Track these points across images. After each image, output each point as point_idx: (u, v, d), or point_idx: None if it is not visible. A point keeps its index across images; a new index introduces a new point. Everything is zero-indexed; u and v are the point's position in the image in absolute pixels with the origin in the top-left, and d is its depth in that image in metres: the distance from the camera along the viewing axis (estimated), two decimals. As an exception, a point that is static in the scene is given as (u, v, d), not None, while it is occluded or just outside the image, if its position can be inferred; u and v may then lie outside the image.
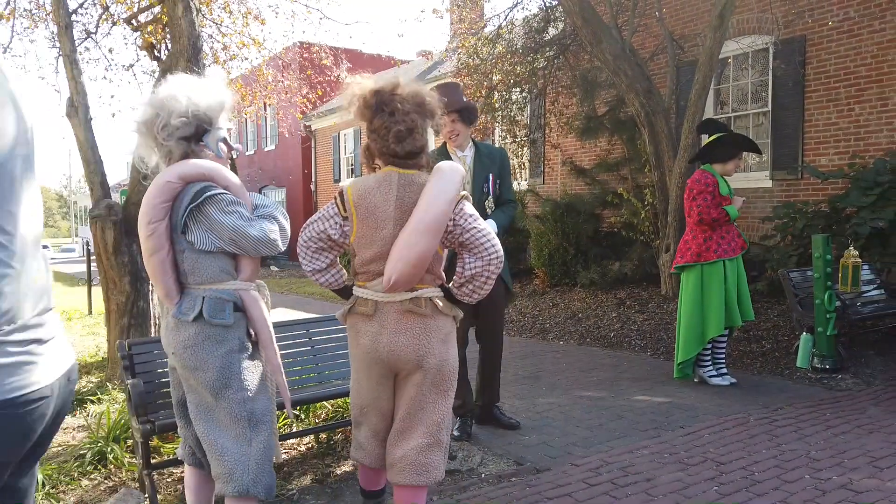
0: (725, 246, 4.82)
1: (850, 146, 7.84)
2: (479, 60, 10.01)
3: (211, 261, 2.27)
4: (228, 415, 2.25)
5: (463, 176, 2.33)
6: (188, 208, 2.20)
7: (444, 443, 2.40)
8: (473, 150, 3.91)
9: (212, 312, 2.24)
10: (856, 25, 7.74)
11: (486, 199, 3.85)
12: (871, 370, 5.23)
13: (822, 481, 3.12)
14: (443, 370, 2.37)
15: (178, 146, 2.27)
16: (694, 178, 4.90)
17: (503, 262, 2.29)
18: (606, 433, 3.98)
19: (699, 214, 4.78)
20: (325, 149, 19.91)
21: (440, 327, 2.36)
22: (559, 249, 9.47)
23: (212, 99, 2.31)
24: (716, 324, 4.82)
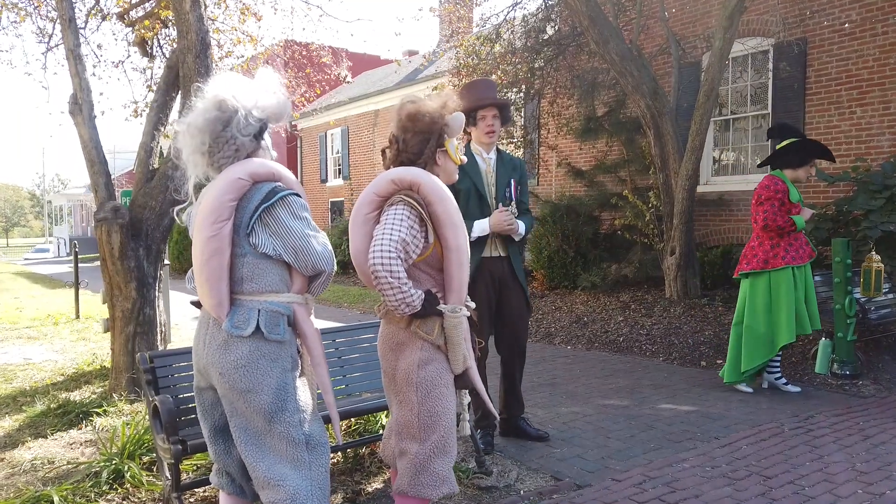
0: (794, 253, 4.73)
1: (852, 149, 7.86)
2: (477, 60, 9.88)
3: (272, 268, 2.11)
4: (284, 439, 2.08)
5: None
6: (260, 207, 2.03)
7: (410, 454, 2.29)
8: (496, 155, 3.82)
9: (269, 327, 2.07)
10: (858, 28, 7.76)
11: (508, 203, 3.74)
12: (889, 376, 5.21)
13: (878, 497, 3.04)
14: (395, 378, 2.35)
15: (249, 143, 2.12)
16: (763, 183, 4.78)
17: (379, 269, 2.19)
18: (640, 445, 3.88)
19: (765, 220, 4.68)
20: (312, 148, 19.65)
21: (392, 335, 2.36)
22: (559, 252, 9.38)
23: (279, 98, 2.18)
24: (787, 331, 4.71)
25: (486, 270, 3.71)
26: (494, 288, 3.75)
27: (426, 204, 2.26)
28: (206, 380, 2.17)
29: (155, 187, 4.76)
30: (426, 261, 2.32)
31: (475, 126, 3.72)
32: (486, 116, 3.67)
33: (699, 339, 6.42)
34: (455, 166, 2.44)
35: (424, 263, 2.33)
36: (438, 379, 2.33)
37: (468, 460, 3.66)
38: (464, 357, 2.35)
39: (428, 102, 2.37)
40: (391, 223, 2.21)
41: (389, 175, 2.32)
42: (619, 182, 9.76)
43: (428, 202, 2.26)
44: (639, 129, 8.85)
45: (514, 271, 3.78)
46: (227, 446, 2.23)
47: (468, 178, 3.71)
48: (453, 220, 2.28)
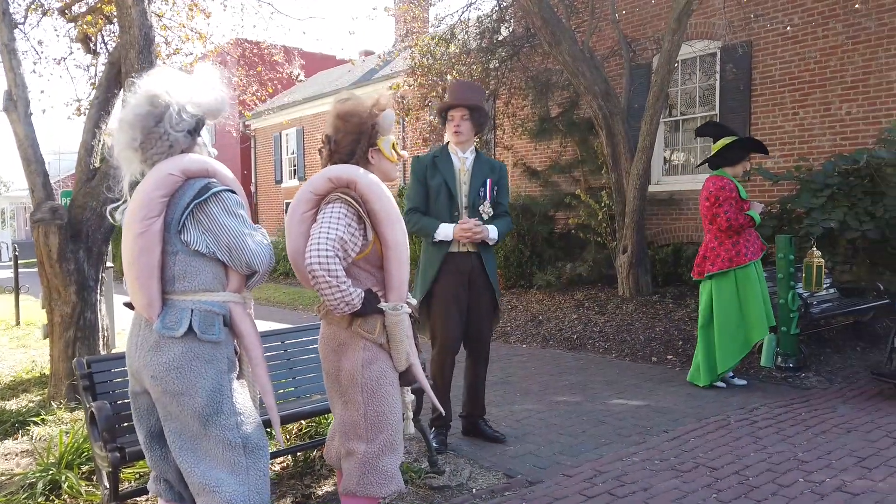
0: (752, 248, 4.84)
1: (795, 149, 8.11)
2: (432, 60, 9.87)
3: (205, 266, 2.04)
4: (220, 443, 2.01)
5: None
6: (192, 204, 1.97)
7: (358, 454, 2.27)
8: (474, 156, 3.81)
9: (202, 327, 2.00)
10: (800, 32, 8.02)
11: (481, 203, 3.73)
12: (830, 368, 5.38)
13: (817, 484, 3.13)
14: (339, 379, 2.32)
15: (183, 139, 2.05)
16: (716, 185, 4.83)
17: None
18: (592, 440, 3.91)
19: (728, 222, 4.76)
20: (266, 149, 19.35)
21: (333, 336, 2.33)
22: (515, 251, 9.44)
23: (216, 93, 2.11)
24: (760, 326, 4.80)
25: (453, 266, 3.69)
26: (462, 284, 3.73)
27: (364, 202, 2.23)
28: (139, 384, 2.10)
29: (96, 187, 4.60)
30: (366, 259, 2.30)
31: (446, 125, 3.76)
32: (455, 117, 3.69)
33: (650, 336, 6.53)
34: (392, 165, 2.40)
35: (364, 261, 2.30)
36: (383, 378, 2.31)
37: (421, 460, 3.63)
38: (407, 354, 2.34)
39: (360, 101, 2.34)
40: (328, 221, 2.17)
41: (326, 173, 2.29)
42: (574, 182, 9.87)
43: (365, 200, 2.23)
44: (592, 129, 8.97)
45: (485, 269, 3.76)
46: (163, 452, 2.15)
47: (440, 175, 3.73)
48: (391, 218, 2.26)
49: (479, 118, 3.70)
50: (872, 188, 6.35)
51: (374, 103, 2.32)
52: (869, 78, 7.45)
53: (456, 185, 3.73)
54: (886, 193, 6.19)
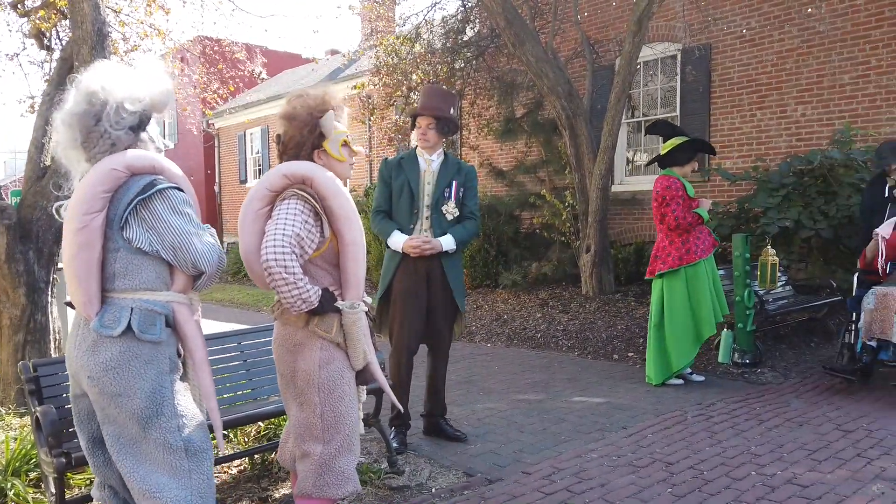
0: (702, 246, 4.91)
1: (753, 150, 8.29)
2: (397, 59, 9.84)
3: (147, 264, 1.99)
4: (161, 446, 1.96)
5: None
6: (135, 200, 1.92)
7: (315, 455, 2.25)
8: (442, 158, 3.81)
9: (142, 326, 1.95)
10: (757, 35, 8.19)
11: (444, 203, 3.72)
12: (785, 363, 5.50)
13: (769, 477, 3.19)
14: (295, 379, 2.29)
15: (126, 136, 2.00)
16: (662, 185, 4.91)
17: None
18: (552, 438, 3.94)
19: (675, 220, 4.82)
20: (230, 148, 19.06)
21: (289, 336, 2.29)
22: (480, 251, 9.47)
23: (160, 88, 2.06)
24: (709, 323, 4.87)
25: (411, 266, 3.68)
26: (421, 283, 3.72)
27: (320, 198, 2.21)
28: (79, 386, 2.04)
29: (46, 185, 4.47)
30: (322, 256, 2.27)
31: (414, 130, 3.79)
32: (421, 124, 3.72)
33: (612, 334, 6.60)
34: (344, 164, 2.37)
35: (321, 259, 2.28)
36: (340, 378, 2.29)
37: (380, 460, 3.61)
38: (364, 353, 2.32)
39: (304, 101, 2.32)
40: (284, 218, 2.15)
41: (281, 169, 2.26)
42: (539, 182, 9.94)
43: (322, 196, 2.21)
44: (556, 130, 9.04)
45: (444, 269, 3.75)
46: (106, 457, 2.09)
47: (403, 175, 3.74)
48: (348, 215, 2.24)
49: (444, 126, 3.71)
50: (826, 188, 6.52)
51: (316, 104, 2.29)
52: (823, 81, 7.65)
53: (419, 184, 3.73)
54: (839, 193, 6.36)
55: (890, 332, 4.31)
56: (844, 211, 6.19)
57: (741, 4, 8.28)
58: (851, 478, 3.13)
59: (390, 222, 3.75)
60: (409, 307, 3.71)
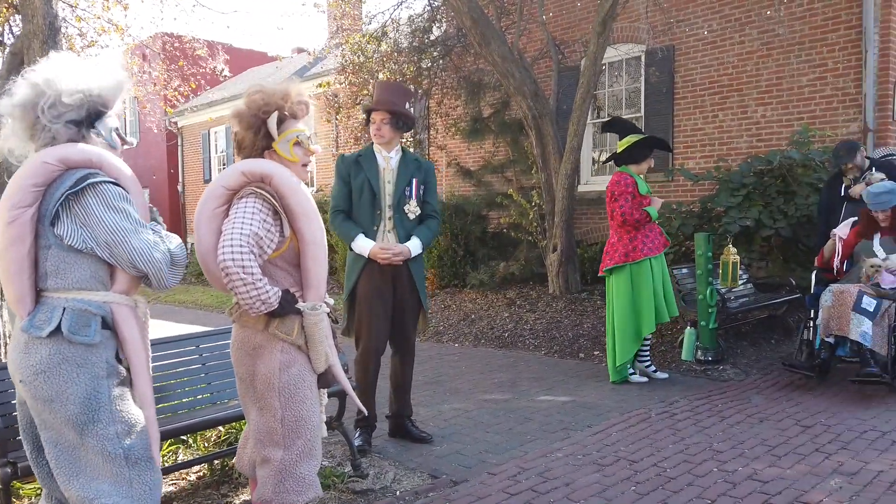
0: (650, 244, 4.93)
1: (715, 150, 8.42)
2: (363, 58, 9.76)
3: (81, 262, 1.90)
4: (99, 454, 1.87)
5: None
6: (65, 194, 1.83)
7: (275, 461, 2.19)
8: (400, 155, 3.76)
9: (73, 327, 1.86)
10: (718, 38, 8.32)
11: (406, 203, 3.69)
12: (746, 360, 5.60)
13: (730, 473, 3.23)
14: (254, 383, 2.23)
15: (65, 130, 1.91)
16: (613, 180, 4.97)
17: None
18: (518, 437, 3.93)
19: (622, 216, 4.85)
20: (194, 147, 18.71)
21: (248, 339, 2.23)
22: (448, 251, 9.45)
23: (108, 79, 1.97)
24: (648, 321, 4.90)
25: (377, 266, 3.64)
26: (386, 284, 3.67)
27: (279, 196, 2.15)
28: None
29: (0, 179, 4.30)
30: (282, 256, 2.22)
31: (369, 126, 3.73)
32: (376, 120, 3.65)
33: (578, 332, 6.64)
34: (297, 165, 2.30)
35: (281, 259, 2.22)
36: (301, 381, 2.23)
37: (344, 464, 3.56)
38: (326, 356, 2.27)
39: (254, 100, 2.24)
40: (241, 216, 2.08)
41: (239, 167, 2.20)
42: (506, 182, 9.96)
43: (281, 194, 2.15)
44: (522, 129, 9.06)
45: (410, 271, 3.71)
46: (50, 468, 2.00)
47: (363, 174, 3.67)
48: (308, 214, 2.19)
49: (399, 122, 3.66)
50: (785, 188, 6.65)
51: (263, 104, 2.23)
52: (782, 83, 7.81)
53: (379, 183, 3.68)
54: (797, 193, 6.49)
55: (847, 328, 4.40)
56: (803, 210, 6.33)
57: (703, 7, 8.41)
58: (810, 472, 3.19)
59: (353, 225, 3.68)
60: (376, 309, 3.66)
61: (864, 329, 4.33)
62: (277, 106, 2.23)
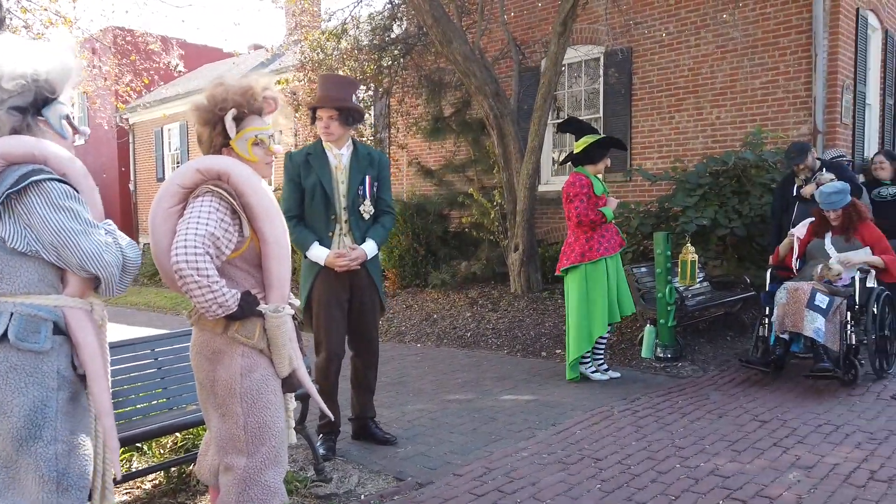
0: (606, 244, 4.97)
1: (672, 151, 8.58)
2: (323, 55, 9.63)
3: (28, 265, 1.79)
4: (32, 474, 1.75)
5: None
6: (6, 193, 1.72)
7: (238, 468, 2.12)
8: (351, 150, 3.64)
9: (21, 334, 1.75)
10: (675, 40, 8.48)
11: (361, 203, 3.60)
12: (704, 357, 5.71)
13: (692, 469, 3.27)
14: (214, 389, 2.16)
15: (8, 117, 1.79)
16: (569, 181, 4.99)
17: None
18: (482, 438, 3.91)
19: (578, 217, 4.88)
20: (146, 145, 18.21)
21: (207, 342, 2.16)
22: (409, 250, 9.40)
23: (55, 63, 1.85)
24: (601, 322, 4.94)
25: (332, 272, 3.55)
26: (343, 286, 3.60)
27: (238, 195, 2.08)
28: None
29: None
30: (243, 257, 2.14)
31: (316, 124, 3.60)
32: (322, 117, 3.52)
33: (540, 331, 6.67)
34: (258, 165, 2.22)
35: (241, 260, 2.15)
36: (264, 386, 2.16)
37: (307, 468, 3.49)
38: (290, 359, 2.20)
39: (213, 95, 2.16)
40: (197, 216, 2.01)
41: (194, 164, 2.12)
42: (467, 181, 9.96)
43: (240, 193, 2.08)
44: (484, 129, 9.07)
45: (367, 269, 3.64)
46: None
47: (314, 175, 3.54)
48: (269, 212, 2.12)
49: (348, 117, 3.54)
50: (739, 188, 6.81)
51: (221, 99, 2.14)
52: (736, 85, 7.99)
53: (332, 185, 3.56)
54: (751, 193, 6.66)
55: (801, 324, 4.52)
56: (757, 210, 6.49)
57: (660, 10, 8.55)
58: (769, 467, 3.25)
59: (307, 232, 3.56)
60: (334, 314, 3.59)
61: (818, 325, 4.46)
62: (236, 103, 2.14)
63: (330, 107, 3.48)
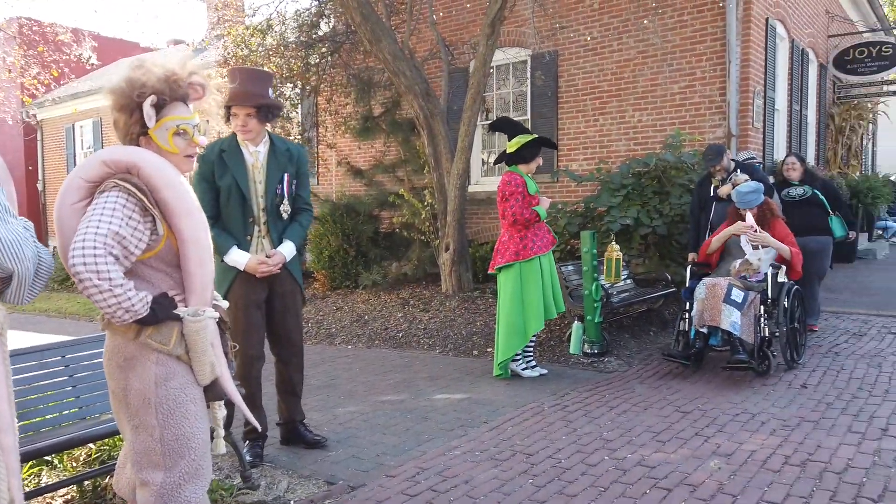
0: (540, 243, 5.03)
1: (596, 153, 8.82)
2: (247, 51, 9.37)
3: None
4: None
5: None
6: None
7: (155, 484, 1.99)
8: (268, 146, 3.50)
9: None
10: (598, 45, 8.72)
11: (281, 202, 3.49)
12: (629, 352, 5.87)
13: (621, 461, 3.35)
14: (126, 399, 2.01)
15: None
16: (504, 180, 5.02)
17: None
18: (415, 438, 3.88)
19: (513, 216, 4.92)
20: (56, 142, 17.20)
21: (118, 349, 2.01)
22: (339, 251, 9.27)
23: None
24: (536, 319, 4.98)
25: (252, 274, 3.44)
26: (263, 287, 3.49)
27: (151, 189, 1.93)
28: None
29: None
30: (158, 256, 2.00)
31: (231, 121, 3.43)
32: (239, 115, 3.37)
33: (472, 330, 6.70)
34: (178, 157, 2.05)
35: (157, 260, 2.01)
36: (182, 395, 2.01)
37: (233, 476, 3.36)
38: (212, 366, 2.05)
39: (132, 79, 2.00)
40: (99, 214, 1.85)
41: (101, 155, 1.96)
42: (398, 181, 9.91)
43: (153, 187, 1.93)
44: (414, 129, 9.06)
45: (288, 268, 3.55)
46: None
47: (229, 175, 3.39)
48: (187, 208, 1.98)
49: (267, 113, 3.41)
50: (660, 188, 7.06)
51: (140, 84, 1.98)
52: (656, 89, 8.29)
53: (249, 185, 3.43)
54: (671, 193, 6.92)
55: (718, 318, 4.72)
56: (677, 209, 6.74)
57: (584, 14, 8.77)
58: (692, 456, 3.37)
59: (225, 235, 3.41)
60: (252, 317, 3.48)
61: (734, 319, 4.66)
62: (156, 90, 1.98)
63: (248, 104, 3.34)
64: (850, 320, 6.67)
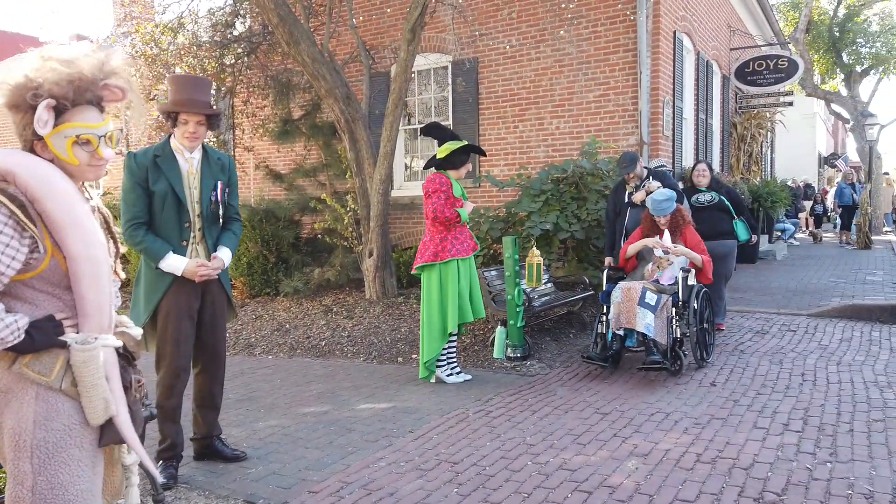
0: (459, 246, 5.06)
1: (517, 159, 8.98)
2: (158, 50, 8.97)
3: None
4: None
5: None
6: None
7: None
8: (202, 153, 3.44)
9: None
10: (517, 53, 8.89)
11: (217, 209, 3.45)
12: (550, 355, 6.00)
13: (543, 465, 3.41)
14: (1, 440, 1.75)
15: None
16: (429, 178, 5.10)
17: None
18: (339, 450, 3.82)
19: (434, 212, 4.95)
20: (-55, 142, 15.91)
21: None
22: (259, 258, 9.01)
23: None
24: (452, 320, 5.01)
25: (186, 282, 3.35)
26: (196, 296, 3.42)
27: (31, 200, 1.68)
28: None
29: None
30: (42, 277, 1.75)
31: (176, 126, 3.35)
32: (190, 122, 3.30)
33: (396, 337, 6.67)
34: (80, 167, 1.79)
35: (40, 280, 1.75)
36: (66, 439, 1.73)
37: (145, 500, 3.19)
38: (105, 402, 1.76)
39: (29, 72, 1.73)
40: None
41: None
42: (319, 186, 9.76)
43: (33, 198, 1.68)
44: (335, 133, 8.94)
45: (220, 280, 3.51)
46: None
47: (164, 180, 3.32)
48: (76, 221, 1.73)
49: (216, 122, 3.41)
50: (578, 194, 7.27)
51: (36, 85, 1.72)
52: (573, 98, 8.54)
53: (185, 191, 3.37)
54: (588, 199, 7.13)
55: (634, 321, 4.90)
56: (593, 214, 6.96)
57: (503, 23, 8.93)
58: (611, 457, 3.48)
59: (160, 241, 3.33)
60: (184, 325, 3.39)
61: (648, 321, 4.85)
62: (53, 92, 1.71)
63: (200, 112, 3.30)
64: (753, 319, 7.07)
